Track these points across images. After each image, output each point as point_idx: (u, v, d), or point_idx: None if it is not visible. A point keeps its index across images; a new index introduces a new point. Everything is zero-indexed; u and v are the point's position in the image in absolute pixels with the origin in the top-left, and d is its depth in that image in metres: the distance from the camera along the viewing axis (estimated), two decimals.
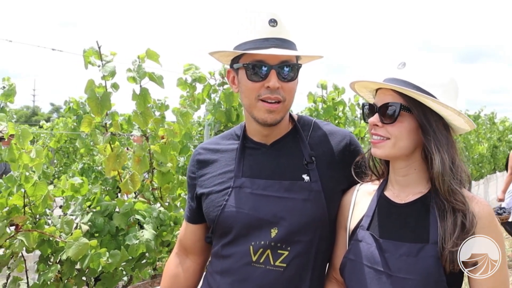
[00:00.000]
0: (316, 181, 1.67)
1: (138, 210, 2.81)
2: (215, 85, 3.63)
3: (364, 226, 1.61)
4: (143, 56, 2.95)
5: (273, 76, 1.58)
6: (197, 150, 1.88)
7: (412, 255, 1.47)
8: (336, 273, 1.74)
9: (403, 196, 1.60)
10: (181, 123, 3.19)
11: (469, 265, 1.45)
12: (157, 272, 3.15)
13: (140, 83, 2.95)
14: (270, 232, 1.62)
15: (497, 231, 1.50)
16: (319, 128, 1.81)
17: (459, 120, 1.52)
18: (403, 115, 1.52)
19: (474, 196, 1.54)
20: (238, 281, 1.66)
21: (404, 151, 1.55)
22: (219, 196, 1.70)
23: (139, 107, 2.94)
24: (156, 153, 3.09)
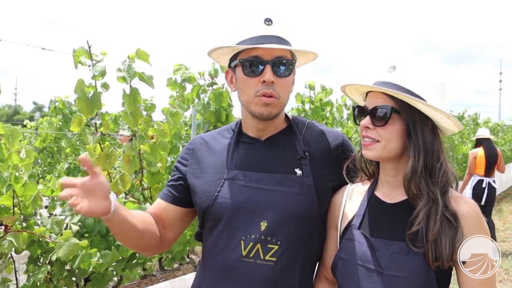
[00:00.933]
0: (308, 176, 1.69)
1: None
2: (205, 85, 3.63)
3: (355, 225, 1.63)
4: (133, 56, 2.95)
5: (268, 71, 1.61)
6: (193, 140, 1.88)
7: (402, 253, 1.50)
8: (326, 271, 1.77)
9: (393, 196, 1.63)
10: (171, 123, 3.19)
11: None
12: (147, 272, 3.14)
13: (130, 83, 2.94)
14: (260, 225, 1.63)
15: (485, 231, 1.53)
16: (313, 127, 1.84)
17: (448, 122, 1.55)
18: (393, 117, 1.54)
19: (461, 197, 1.57)
20: (229, 275, 1.67)
21: (394, 153, 1.58)
22: (212, 186, 1.71)
23: (129, 107, 2.94)
24: (146, 153, 3.09)
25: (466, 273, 1.48)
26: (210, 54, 1.78)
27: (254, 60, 1.61)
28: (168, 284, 3.41)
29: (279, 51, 1.63)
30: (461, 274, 1.51)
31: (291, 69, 1.67)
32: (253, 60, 1.62)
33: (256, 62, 1.62)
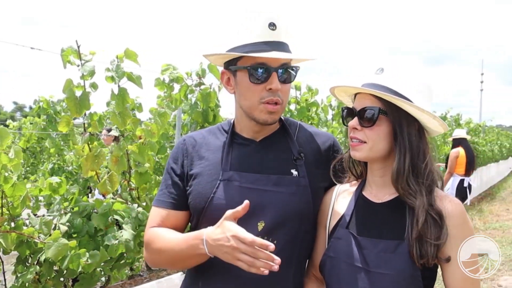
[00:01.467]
0: (304, 176, 1.72)
1: (117, 211, 2.80)
2: (192, 85, 3.64)
3: (343, 225, 1.67)
4: (122, 56, 2.94)
5: (274, 79, 1.63)
6: (184, 139, 1.87)
7: (389, 251, 1.54)
8: (315, 270, 1.80)
9: (380, 196, 1.66)
10: (159, 123, 3.19)
11: (443, 260, 1.52)
12: (134, 272, 3.14)
13: (119, 83, 2.94)
14: (257, 226, 1.65)
15: (470, 229, 1.57)
16: (304, 129, 1.87)
17: (434, 123, 1.59)
18: (381, 119, 1.58)
19: (447, 195, 1.62)
20: (224, 275, 1.68)
21: (381, 154, 1.61)
22: (207, 188, 1.71)
23: (118, 107, 2.93)
24: (134, 153, 3.09)
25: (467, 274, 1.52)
26: (206, 56, 1.78)
27: (261, 67, 1.62)
28: (155, 284, 3.42)
29: (284, 58, 1.65)
30: (446, 272, 1.56)
31: (294, 76, 1.70)
32: (260, 66, 1.62)
33: (263, 70, 1.63)
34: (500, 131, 20.69)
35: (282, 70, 1.65)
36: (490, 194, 14.91)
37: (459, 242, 1.53)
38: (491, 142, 16.35)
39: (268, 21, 1.65)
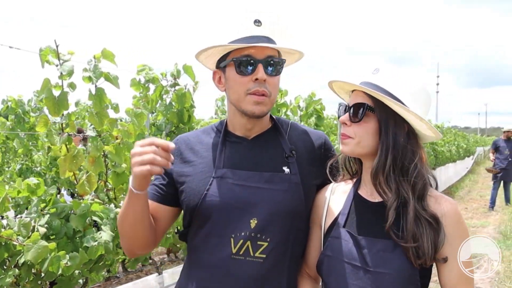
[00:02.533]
0: (296, 174, 1.76)
1: (95, 212, 2.78)
2: (167, 86, 3.63)
3: (340, 224, 1.70)
4: (99, 56, 2.92)
5: (260, 69, 1.67)
6: (177, 139, 1.90)
7: (388, 250, 1.57)
8: (309, 268, 1.83)
9: (376, 195, 1.70)
10: (136, 124, 3.18)
11: (440, 261, 1.58)
12: (111, 274, 3.12)
13: (96, 83, 2.91)
14: (250, 223, 1.67)
15: (464, 227, 1.63)
16: (296, 127, 1.91)
17: (422, 126, 1.64)
18: (368, 115, 1.63)
19: (442, 195, 1.67)
20: (217, 273, 1.70)
21: (368, 150, 1.66)
22: (200, 185, 1.73)
23: (95, 107, 2.91)
24: (111, 153, 3.06)
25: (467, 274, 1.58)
26: (198, 57, 1.80)
27: (247, 59, 1.67)
28: (131, 285, 3.40)
29: (270, 51, 1.69)
30: (442, 271, 1.61)
31: (280, 69, 1.73)
32: (246, 58, 1.67)
33: (249, 61, 1.67)
34: (457, 132, 21.29)
35: (268, 61, 1.69)
36: (449, 194, 15.30)
37: (454, 241, 1.58)
38: (449, 142, 16.80)
39: (254, 18, 1.70)
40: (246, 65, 1.67)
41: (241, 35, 1.69)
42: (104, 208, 2.84)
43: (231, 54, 1.71)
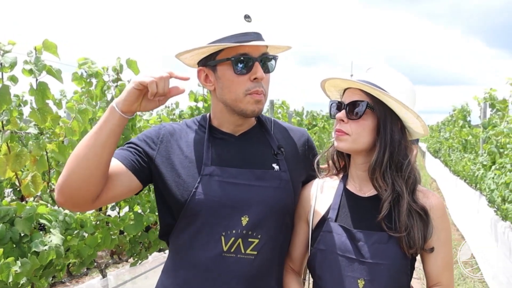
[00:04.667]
0: (285, 171, 1.75)
1: (43, 214, 2.60)
2: (109, 81, 3.47)
3: (332, 218, 1.72)
4: (40, 48, 2.73)
5: (258, 68, 1.64)
6: (164, 125, 1.80)
7: (383, 242, 1.63)
8: (293, 263, 1.84)
9: (365, 190, 1.75)
10: (80, 120, 3.01)
11: (428, 251, 1.65)
12: (56, 279, 2.93)
13: (38, 76, 2.73)
14: (241, 220, 1.65)
15: (448, 220, 1.75)
16: (278, 124, 1.90)
17: (416, 123, 1.69)
18: (367, 113, 1.66)
19: (429, 190, 1.77)
20: (208, 272, 1.66)
21: (364, 147, 1.69)
22: (187, 182, 1.68)
23: (38, 103, 2.72)
24: (54, 152, 2.88)
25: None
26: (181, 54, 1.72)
27: (244, 58, 1.62)
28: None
29: (264, 48, 1.67)
30: (428, 260, 1.72)
31: (274, 65, 1.72)
32: (243, 57, 1.62)
33: (246, 60, 1.62)
34: None
35: (263, 59, 1.67)
36: None
37: (440, 233, 1.68)
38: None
39: (243, 13, 1.66)
40: (243, 64, 1.63)
41: (233, 31, 1.63)
42: (51, 210, 2.66)
43: (224, 53, 1.65)
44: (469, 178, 8.77)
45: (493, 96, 7.30)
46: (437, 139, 18.20)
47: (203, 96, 5.08)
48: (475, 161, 8.61)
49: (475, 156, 9.07)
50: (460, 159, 10.70)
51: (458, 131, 11.39)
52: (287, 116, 9.88)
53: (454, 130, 12.20)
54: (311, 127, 11.54)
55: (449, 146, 13.25)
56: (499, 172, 5.82)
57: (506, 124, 6.23)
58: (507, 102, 6.38)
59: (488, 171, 6.71)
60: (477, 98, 8.32)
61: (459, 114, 11.28)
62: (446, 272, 1.71)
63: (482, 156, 7.55)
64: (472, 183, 8.47)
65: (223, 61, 1.64)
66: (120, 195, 1.70)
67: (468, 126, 10.99)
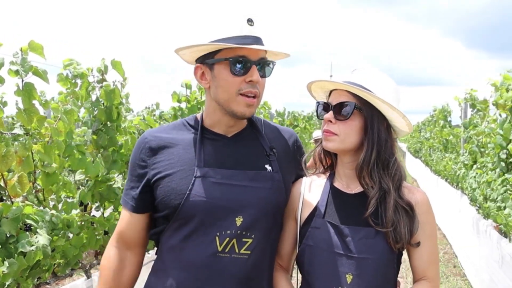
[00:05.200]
0: (277, 171, 1.77)
1: (29, 215, 2.60)
2: (94, 82, 3.48)
3: (320, 215, 1.75)
4: (26, 49, 2.74)
5: (254, 71, 1.66)
6: (145, 137, 1.81)
7: (370, 237, 1.67)
8: (281, 260, 1.88)
9: (352, 187, 1.78)
10: (66, 121, 3.01)
11: (414, 245, 1.70)
12: (41, 280, 2.93)
13: (24, 77, 2.73)
14: (235, 221, 1.67)
15: (433, 215, 1.78)
16: (268, 124, 1.93)
17: (402, 122, 1.74)
18: (355, 113, 1.70)
19: (413, 187, 1.81)
20: (203, 272, 1.67)
21: (351, 146, 1.73)
22: (181, 184, 1.69)
23: (24, 103, 2.73)
24: (40, 153, 2.88)
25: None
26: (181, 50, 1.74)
27: (242, 60, 1.65)
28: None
29: (263, 53, 1.70)
30: (414, 255, 1.76)
31: (271, 71, 1.74)
32: (241, 59, 1.65)
33: (244, 62, 1.65)
34: None
35: (261, 64, 1.69)
36: None
37: (426, 227, 1.72)
38: None
39: (247, 17, 1.69)
40: (241, 65, 1.65)
41: (235, 33, 1.66)
42: (37, 210, 2.67)
43: (222, 52, 1.67)
44: (451, 178, 8.90)
45: (474, 97, 7.42)
46: (418, 139, 18.36)
47: (186, 97, 5.10)
48: (456, 161, 8.73)
49: (456, 155, 9.19)
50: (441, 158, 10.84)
51: (439, 131, 11.53)
52: (269, 116, 9.93)
53: (434, 130, 12.33)
54: (292, 127, 11.62)
55: (430, 146, 13.40)
56: (481, 171, 5.91)
57: (487, 124, 6.32)
58: (488, 102, 6.47)
59: (470, 170, 6.82)
60: (458, 99, 8.45)
61: (439, 114, 11.40)
62: (432, 265, 1.75)
63: (463, 155, 7.67)
64: (454, 182, 8.59)
65: (221, 60, 1.67)
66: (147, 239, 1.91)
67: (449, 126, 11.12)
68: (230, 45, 1.63)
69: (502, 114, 4.80)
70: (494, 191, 4.92)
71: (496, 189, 4.81)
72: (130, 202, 1.80)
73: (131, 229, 1.83)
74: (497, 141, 4.78)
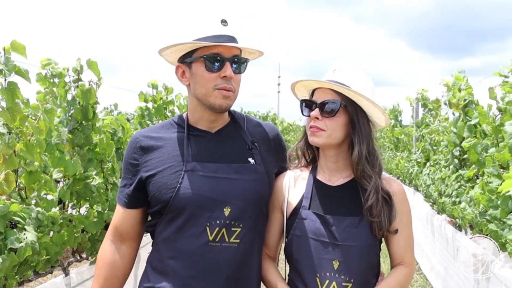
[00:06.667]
0: (260, 164, 1.92)
1: (16, 212, 2.63)
2: (70, 82, 3.50)
3: (305, 206, 1.89)
4: (8, 48, 2.76)
5: (228, 67, 1.80)
6: (136, 137, 1.94)
7: (354, 226, 1.82)
8: (268, 250, 2.01)
9: (334, 180, 1.93)
10: (47, 120, 3.04)
11: (392, 232, 1.86)
12: (24, 278, 2.95)
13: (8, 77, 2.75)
14: (224, 211, 1.80)
15: (408, 204, 1.96)
16: (250, 120, 2.07)
17: (381, 117, 1.90)
18: (340, 110, 1.84)
19: (390, 178, 1.99)
20: (195, 260, 1.80)
21: (336, 141, 1.88)
22: (171, 179, 1.82)
23: (8, 102, 2.75)
24: (22, 151, 2.90)
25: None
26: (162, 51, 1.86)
27: (216, 57, 1.78)
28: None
29: (236, 50, 1.83)
30: (392, 241, 1.92)
31: (245, 67, 1.87)
32: (215, 56, 1.78)
33: (218, 59, 1.79)
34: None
35: (234, 60, 1.82)
36: None
37: (402, 216, 1.90)
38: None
39: (221, 17, 1.83)
40: (215, 62, 1.79)
41: (209, 33, 1.80)
42: (23, 208, 2.70)
43: (199, 51, 1.81)
44: (403, 176, 9.25)
45: (425, 97, 7.77)
46: None
47: (152, 97, 5.17)
48: (409, 159, 9.09)
49: (409, 154, 9.56)
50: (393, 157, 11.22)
51: (389, 130, 11.93)
52: None
53: (385, 130, 12.75)
54: None
55: (381, 145, 13.82)
56: (434, 168, 6.23)
57: (438, 122, 6.65)
58: (440, 102, 6.80)
59: (423, 168, 7.14)
60: (409, 99, 8.82)
61: (390, 114, 11.81)
62: (408, 251, 1.93)
63: (415, 154, 8.01)
64: (406, 180, 8.94)
65: (198, 58, 1.81)
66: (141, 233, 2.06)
67: (400, 125, 11.54)
68: (204, 43, 1.77)
69: (455, 113, 5.07)
70: (448, 186, 5.20)
71: (451, 184, 5.09)
72: (124, 199, 1.93)
73: (125, 224, 1.96)
74: (451, 138, 5.06)
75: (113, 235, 1.97)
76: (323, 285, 1.78)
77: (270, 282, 1.95)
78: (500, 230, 3.49)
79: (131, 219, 1.95)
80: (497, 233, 3.52)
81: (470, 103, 4.77)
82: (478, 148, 4.19)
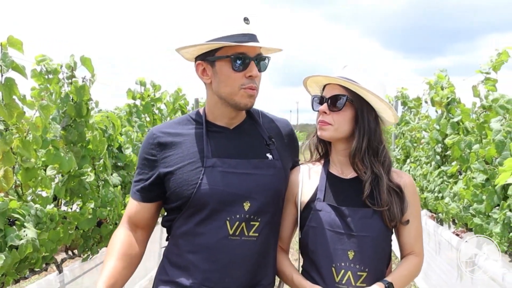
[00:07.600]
0: (278, 159, 1.96)
1: (15, 209, 2.62)
2: (63, 78, 3.49)
3: (320, 199, 1.95)
4: (5, 44, 2.75)
5: (253, 67, 1.83)
6: (154, 133, 1.95)
7: (368, 217, 1.88)
8: (282, 242, 2.06)
9: (347, 173, 1.99)
10: (43, 117, 3.03)
11: (404, 223, 1.92)
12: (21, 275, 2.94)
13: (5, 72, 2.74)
14: (243, 206, 1.83)
15: (418, 196, 2.04)
16: (265, 115, 2.10)
17: (388, 113, 1.97)
18: (347, 105, 1.91)
19: (400, 171, 2.05)
20: (216, 254, 1.83)
21: (344, 135, 1.94)
22: (192, 175, 1.84)
23: (5, 98, 2.73)
24: (19, 148, 2.89)
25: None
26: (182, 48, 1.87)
27: (242, 57, 1.81)
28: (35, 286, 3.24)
29: (258, 49, 1.86)
30: (402, 232, 1.98)
31: (266, 65, 1.90)
32: (241, 56, 1.80)
33: (243, 58, 1.81)
34: None
35: (258, 59, 1.86)
36: None
37: (413, 207, 1.97)
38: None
39: (243, 16, 1.85)
40: (241, 62, 1.81)
41: (234, 31, 1.81)
42: (22, 204, 2.69)
43: (223, 50, 1.82)
44: None
45: (405, 95, 7.92)
46: None
47: (140, 94, 5.17)
48: None
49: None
50: None
51: None
52: None
53: None
54: None
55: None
56: (415, 165, 6.35)
57: (418, 120, 6.79)
58: (421, 100, 6.94)
59: (402, 165, 7.28)
60: (388, 97, 8.95)
61: None
62: (418, 241, 2.00)
63: (394, 151, 8.15)
64: None
65: (223, 57, 1.82)
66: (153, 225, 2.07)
67: None
68: (231, 44, 1.79)
69: (438, 110, 5.19)
70: (431, 182, 5.32)
71: (433, 180, 5.21)
72: (138, 193, 1.95)
73: (139, 216, 1.98)
74: (434, 135, 5.18)
75: (127, 223, 1.99)
76: (339, 275, 1.84)
77: (285, 273, 2.00)
78: (485, 224, 3.62)
79: (145, 212, 1.97)
80: (482, 226, 3.64)
81: (452, 101, 4.89)
82: (462, 144, 4.31)
